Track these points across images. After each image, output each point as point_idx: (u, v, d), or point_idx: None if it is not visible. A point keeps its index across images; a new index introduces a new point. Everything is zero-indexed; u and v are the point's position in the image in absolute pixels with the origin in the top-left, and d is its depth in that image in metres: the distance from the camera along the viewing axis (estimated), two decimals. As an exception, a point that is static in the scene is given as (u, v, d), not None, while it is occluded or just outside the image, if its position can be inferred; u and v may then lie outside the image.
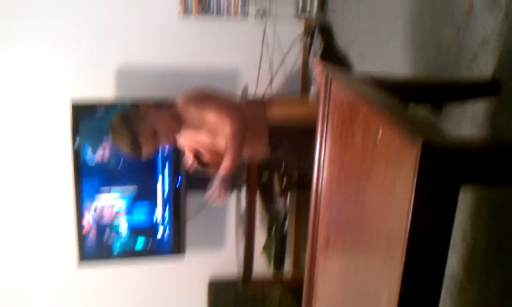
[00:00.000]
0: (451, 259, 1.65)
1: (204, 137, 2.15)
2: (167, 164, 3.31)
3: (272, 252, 3.36)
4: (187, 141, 2.18)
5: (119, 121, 2.03)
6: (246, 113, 2.15)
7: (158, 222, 3.42)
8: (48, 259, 3.66)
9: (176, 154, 3.28)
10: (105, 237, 3.35)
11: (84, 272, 3.55)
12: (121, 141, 2.01)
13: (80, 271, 3.50)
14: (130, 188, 3.31)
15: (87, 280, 3.70)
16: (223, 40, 3.52)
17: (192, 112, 2.09)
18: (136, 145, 1.99)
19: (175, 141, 2.20)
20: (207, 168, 2.21)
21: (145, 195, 3.36)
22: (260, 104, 2.23)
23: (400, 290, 0.80)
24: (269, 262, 3.44)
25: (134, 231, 3.39)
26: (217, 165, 2.12)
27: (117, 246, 3.38)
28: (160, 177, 3.33)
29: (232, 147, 2.04)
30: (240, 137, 2.05)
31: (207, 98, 2.13)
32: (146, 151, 2.03)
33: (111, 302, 3.83)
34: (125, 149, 2.02)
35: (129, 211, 3.34)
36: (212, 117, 2.07)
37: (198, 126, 2.10)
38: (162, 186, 3.36)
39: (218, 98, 2.14)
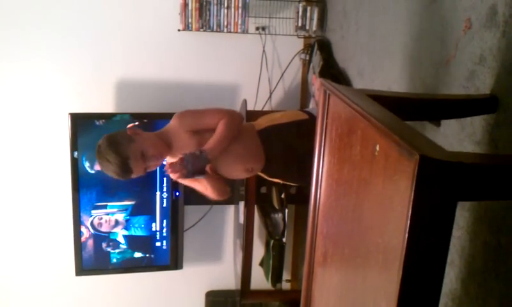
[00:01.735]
0: (449, 274, 1.65)
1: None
2: (165, 179, 3.32)
3: (270, 268, 3.35)
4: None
5: (106, 145, 1.94)
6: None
7: (156, 236, 3.41)
8: (46, 269, 3.66)
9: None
10: (103, 249, 3.34)
11: (81, 283, 3.54)
12: (110, 165, 1.92)
13: (77, 282, 3.48)
14: (128, 203, 3.31)
15: (85, 290, 3.69)
16: (223, 56, 3.54)
17: (187, 124, 2.05)
18: (126, 169, 1.91)
19: (161, 163, 2.14)
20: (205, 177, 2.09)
21: (143, 209, 3.36)
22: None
23: (398, 304, 0.80)
24: (267, 278, 3.43)
25: (132, 245, 3.38)
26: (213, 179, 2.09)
27: (115, 258, 3.37)
28: (158, 192, 3.33)
29: (223, 129, 2.00)
30: (232, 128, 2.02)
31: (200, 109, 2.12)
32: (135, 174, 1.97)
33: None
34: (114, 173, 1.94)
35: (127, 225, 3.33)
36: (208, 117, 2.04)
37: (187, 143, 2.04)
38: (160, 200, 3.35)
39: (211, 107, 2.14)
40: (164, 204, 3.37)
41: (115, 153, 1.90)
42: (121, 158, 1.89)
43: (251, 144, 2.15)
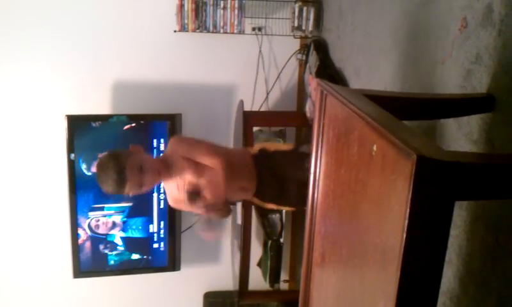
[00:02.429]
0: (447, 273, 1.65)
1: (187, 182, 2.14)
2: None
3: (268, 268, 3.35)
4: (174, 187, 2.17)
5: (107, 155, 2.01)
6: (232, 153, 2.25)
7: (153, 238, 3.41)
8: (43, 271, 3.65)
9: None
10: (100, 251, 3.34)
11: (79, 285, 3.53)
12: (107, 173, 1.96)
13: (75, 284, 3.48)
14: (126, 204, 3.31)
15: (82, 293, 3.68)
16: (219, 57, 3.54)
17: (182, 150, 2.10)
18: (121, 177, 1.94)
19: (159, 182, 2.19)
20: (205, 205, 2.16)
21: (140, 211, 3.36)
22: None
23: (396, 304, 0.80)
24: (265, 278, 3.43)
25: (129, 247, 3.38)
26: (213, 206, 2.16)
27: (112, 260, 3.37)
28: (155, 193, 3.33)
29: (222, 178, 2.07)
30: (228, 173, 2.08)
31: (197, 140, 2.18)
32: (130, 187, 1.98)
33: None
34: (109, 182, 1.96)
35: (124, 227, 3.33)
36: (202, 155, 2.09)
37: (184, 167, 2.09)
38: (157, 202, 3.35)
39: (207, 141, 2.20)
40: (161, 206, 3.36)
41: (113, 161, 1.94)
42: (119, 166, 1.93)
43: (245, 165, 2.20)
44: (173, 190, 2.15)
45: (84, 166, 3.19)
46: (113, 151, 2.04)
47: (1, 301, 3.66)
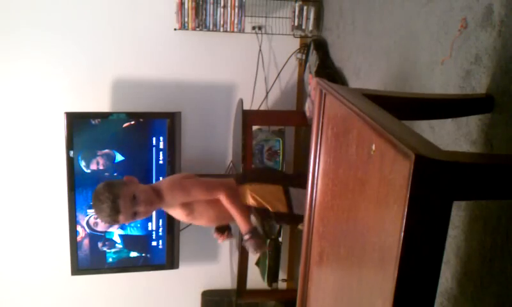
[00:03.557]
0: (445, 274, 1.65)
1: (179, 216, 2.28)
2: (161, 179, 3.31)
3: (266, 267, 3.35)
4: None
5: (102, 185, 2.08)
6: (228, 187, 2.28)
7: (152, 236, 3.41)
8: (42, 268, 3.66)
9: (171, 167, 3.29)
10: (99, 248, 3.34)
11: (77, 282, 3.53)
12: (101, 202, 2.03)
13: (73, 281, 3.48)
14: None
15: (80, 290, 3.69)
16: (219, 55, 3.54)
17: (175, 194, 2.18)
18: (114, 207, 2.02)
19: (152, 212, 2.28)
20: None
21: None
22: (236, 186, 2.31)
23: (393, 303, 0.81)
24: (263, 277, 3.43)
25: (128, 244, 3.38)
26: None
27: (110, 257, 3.37)
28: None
29: (235, 212, 2.20)
30: (235, 201, 2.21)
31: (188, 179, 2.26)
32: (123, 216, 2.06)
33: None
34: (104, 212, 2.04)
35: (123, 225, 3.33)
36: (198, 191, 2.19)
37: (176, 206, 2.22)
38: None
39: (199, 178, 2.29)
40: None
41: (108, 191, 2.03)
42: (112, 196, 2.01)
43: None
44: (178, 215, 2.28)
45: (83, 163, 3.19)
46: (108, 182, 2.11)
47: (0, 297, 3.66)
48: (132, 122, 3.24)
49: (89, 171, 3.21)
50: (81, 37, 3.39)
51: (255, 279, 3.45)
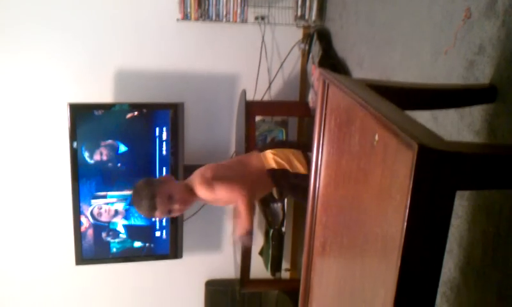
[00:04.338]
0: (448, 263, 1.66)
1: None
2: (164, 169, 3.32)
3: (269, 257, 3.36)
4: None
5: (142, 182, 2.28)
6: (250, 174, 2.38)
7: (156, 226, 3.42)
8: (46, 259, 3.68)
9: (174, 158, 3.29)
10: (103, 238, 3.36)
11: (81, 272, 3.55)
12: (140, 198, 2.23)
13: (78, 271, 3.50)
14: (128, 192, 3.31)
15: (84, 280, 3.71)
16: (222, 45, 3.54)
17: (204, 193, 2.30)
18: (152, 205, 2.21)
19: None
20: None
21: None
22: (257, 154, 2.46)
23: (396, 293, 0.81)
24: (266, 267, 3.44)
25: (132, 235, 3.39)
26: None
27: (114, 247, 3.39)
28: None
29: (245, 216, 2.27)
30: (251, 206, 2.30)
31: (215, 179, 2.31)
32: (160, 213, 2.25)
33: (108, 299, 3.84)
34: (142, 207, 2.24)
35: (127, 215, 3.34)
36: (223, 194, 2.30)
37: (209, 201, 2.37)
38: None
39: (225, 177, 2.34)
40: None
41: (147, 189, 2.22)
42: (150, 194, 2.21)
43: (263, 183, 2.42)
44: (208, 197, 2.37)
45: (86, 154, 3.20)
46: (147, 180, 2.32)
47: (4, 288, 3.69)
48: (135, 113, 3.25)
49: (92, 161, 3.22)
50: (84, 28, 3.39)
51: (259, 268, 3.47)
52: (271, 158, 2.39)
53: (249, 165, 2.42)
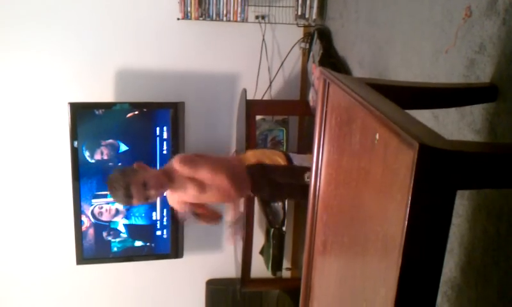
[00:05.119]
0: (448, 263, 1.66)
1: (189, 195, 2.37)
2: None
3: (270, 256, 3.36)
4: (175, 198, 2.43)
5: (115, 173, 2.29)
6: (233, 166, 2.42)
7: (157, 225, 3.42)
8: (47, 258, 3.67)
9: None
10: (104, 238, 3.36)
11: (82, 272, 3.55)
12: (115, 189, 2.24)
13: (79, 271, 3.50)
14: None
15: (85, 279, 3.71)
16: (222, 45, 3.53)
17: (185, 171, 2.30)
18: (127, 194, 2.22)
19: (162, 194, 2.43)
20: (199, 218, 2.52)
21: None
22: (238, 154, 2.55)
23: (397, 292, 0.81)
24: (267, 266, 3.44)
25: (132, 234, 3.40)
26: (206, 217, 2.52)
27: (115, 247, 3.39)
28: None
29: (232, 190, 2.32)
30: (235, 183, 2.33)
31: (198, 156, 2.39)
32: (136, 201, 2.26)
33: (109, 298, 3.84)
34: (118, 197, 2.26)
35: (127, 214, 3.34)
36: (205, 174, 2.30)
37: (187, 184, 2.32)
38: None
39: (208, 156, 2.42)
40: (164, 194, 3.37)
41: (121, 180, 2.23)
42: (125, 184, 2.21)
43: (242, 177, 2.41)
44: (173, 201, 2.44)
45: (87, 154, 3.20)
46: (119, 170, 2.34)
47: (5, 288, 3.69)
48: (136, 112, 3.25)
49: (93, 161, 3.22)
50: (84, 27, 3.39)
51: (259, 267, 3.47)
52: (250, 155, 2.48)
53: (232, 160, 2.53)
